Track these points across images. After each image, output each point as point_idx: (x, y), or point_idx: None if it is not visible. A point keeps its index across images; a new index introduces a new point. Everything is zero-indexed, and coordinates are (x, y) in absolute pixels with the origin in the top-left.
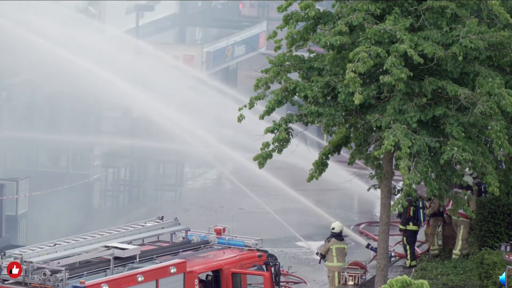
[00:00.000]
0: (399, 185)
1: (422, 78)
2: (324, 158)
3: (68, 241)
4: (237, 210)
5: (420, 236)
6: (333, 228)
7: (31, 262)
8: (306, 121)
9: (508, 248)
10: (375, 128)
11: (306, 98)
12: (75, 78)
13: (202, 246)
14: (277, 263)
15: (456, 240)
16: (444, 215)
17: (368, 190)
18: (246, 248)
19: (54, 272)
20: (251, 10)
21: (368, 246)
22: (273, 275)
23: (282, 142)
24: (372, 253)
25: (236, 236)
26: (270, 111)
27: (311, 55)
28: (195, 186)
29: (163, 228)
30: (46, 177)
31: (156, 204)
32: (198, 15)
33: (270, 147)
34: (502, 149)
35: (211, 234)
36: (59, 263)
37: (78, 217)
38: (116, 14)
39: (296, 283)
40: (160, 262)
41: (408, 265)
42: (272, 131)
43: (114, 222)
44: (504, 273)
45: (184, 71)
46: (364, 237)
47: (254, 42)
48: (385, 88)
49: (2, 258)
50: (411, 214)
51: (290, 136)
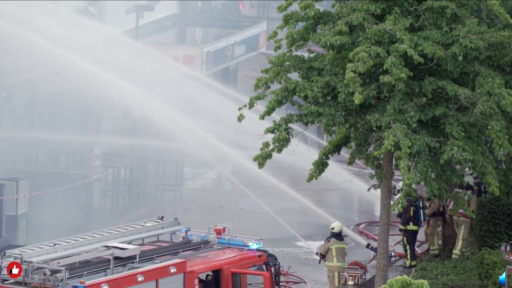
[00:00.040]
0: (399, 185)
1: (422, 78)
2: (324, 158)
3: (68, 241)
4: (237, 210)
5: (420, 236)
6: (332, 228)
7: (31, 262)
8: (306, 121)
9: (508, 248)
10: (375, 128)
11: (306, 98)
12: (75, 78)
13: (202, 246)
14: (277, 263)
15: (456, 240)
16: (446, 215)
17: (368, 190)
18: (246, 248)
19: (54, 272)
20: (251, 10)
21: (368, 246)
22: (273, 275)
23: (282, 142)
24: (372, 253)
25: (236, 236)
26: (270, 111)
27: (311, 55)
28: (195, 186)
29: (163, 228)
30: (46, 177)
31: (156, 204)
32: (198, 15)
33: (270, 147)
34: (502, 149)
35: (211, 234)
36: (59, 263)
37: (78, 217)
38: (116, 14)
39: (296, 283)
40: (160, 262)
41: (408, 265)
42: (272, 131)
43: (114, 222)
44: (504, 273)
45: (184, 71)
46: (364, 237)
47: (254, 42)
48: (385, 88)
49: (2, 258)
50: (411, 214)
51: (290, 136)
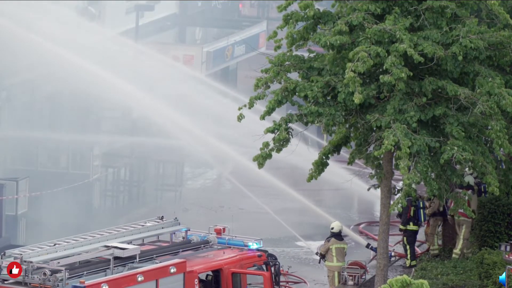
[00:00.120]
0: (399, 185)
1: (422, 78)
2: (324, 158)
3: (68, 241)
4: (237, 210)
5: (420, 236)
6: (332, 228)
7: (31, 262)
8: (306, 121)
9: (508, 248)
10: (375, 128)
11: (306, 98)
12: (75, 78)
13: (202, 246)
14: (277, 263)
15: (456, 240)
16: (447, 215)
17: (368, 190)
18: (246, 248)
19: (54, 272)
20: (251, 10)
21: (368, 246)
22: (273, 275)
23: (282, 142)
24: (372, 253)
25: (236, 236)
26: (270, 111)
27: (311, 55)
28: (195, 186)
29: (163, 228)
30: (46, 177)
31: (156, 204)
32: (198, 15)
33: (269, 147)
34: (502, 149)
35: (211, 234)
36: (59, 263)
37: (78, 217)
38: (116, 14)
39: (296, 283)
40: (160, 262)
41: (408, 265)
42: (272, 131)
43: (114, 222)
44: (504, 273)
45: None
46: (364, 237)
47: (254, 42)
48: (385, 88)
49: (2, 258)
50: (412, 214)
51: (290, 136)
